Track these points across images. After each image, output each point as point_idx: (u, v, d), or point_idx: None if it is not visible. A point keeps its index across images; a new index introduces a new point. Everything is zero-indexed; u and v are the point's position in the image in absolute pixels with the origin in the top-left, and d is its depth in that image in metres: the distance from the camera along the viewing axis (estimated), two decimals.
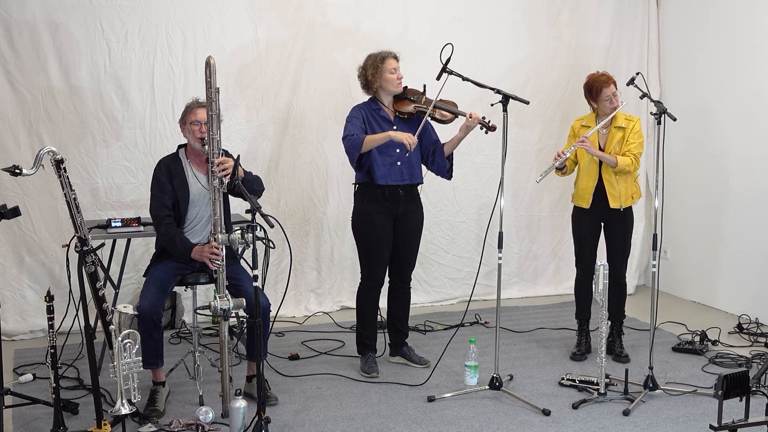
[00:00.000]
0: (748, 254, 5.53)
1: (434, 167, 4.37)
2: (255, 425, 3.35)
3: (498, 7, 5.90)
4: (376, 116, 4.21)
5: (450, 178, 4.44)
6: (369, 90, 4.24)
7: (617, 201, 4.44)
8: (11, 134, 4.91)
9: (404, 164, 4.22)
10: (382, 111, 4.22)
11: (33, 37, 4.87)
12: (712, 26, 5.78)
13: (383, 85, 4.18)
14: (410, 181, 4.27)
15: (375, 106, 4.24)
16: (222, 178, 3.64)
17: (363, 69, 4.23)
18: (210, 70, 3.55)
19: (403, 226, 4.32)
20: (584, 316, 4.71)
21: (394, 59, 4.20)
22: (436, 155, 4.32)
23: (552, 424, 3.67)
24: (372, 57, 4.21)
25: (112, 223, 4.40)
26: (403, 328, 4.53)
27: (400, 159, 4.20)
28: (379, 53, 4.20)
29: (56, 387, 3.47)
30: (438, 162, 4.33)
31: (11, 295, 5.00)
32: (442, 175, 4.40)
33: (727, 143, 5.69)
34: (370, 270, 4.32)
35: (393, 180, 4.19)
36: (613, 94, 4.38)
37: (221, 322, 3.69)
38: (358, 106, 4.26)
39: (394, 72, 4.17)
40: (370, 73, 4.18)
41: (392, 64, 4.17)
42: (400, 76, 4.20)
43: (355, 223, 4.33)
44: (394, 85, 4.18)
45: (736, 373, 2.90)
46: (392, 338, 4.55)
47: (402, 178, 4.22)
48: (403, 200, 4.26)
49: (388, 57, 4.18)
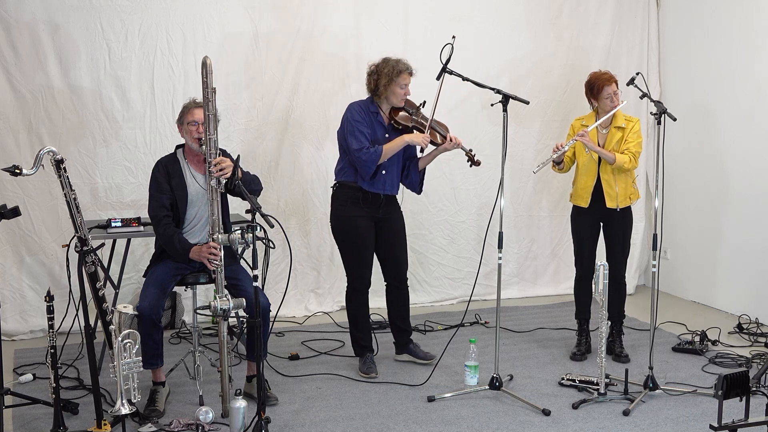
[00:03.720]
0: (748, 254, 5.52)
1: (407, 181, 4.41)
2: (255, 425, 3.35)
3: (498, 7, 5.89)
4: (372, 120, 4.20)
5: (420, 192, 4.52)
6: (374, 94, 4.23)
7: (614, 201, 4.44)
8: (11, 134, 4.91)
9: (388, 174, 4.23)
10: (379, 116, 4.21)
11: (33, 37, 4.87)
12: (712, 26, 5.78)
13: (390, 97, 4.17)
14: (391, 192, 4.30)
15: (373, 109, 4.22)
16: (219, 178, 3.64)
17: (376, 74, 4.17)
18: (206, 70, 3.54)
19: (387, 228, 4.33)
20: (584, 316, 4.71)
21: (409, 75, 4.16)
22: (410, 170, 4.37)
23: (552, 424, 3.67)
24: (388, 66, 4.13)
25: (112, 223, 4.40)
26: (406, 327, 4.54)
27: (385, 168, 4.21)
28: (397, 65, 4.13)
29: (56, 387, 3.46)
30: (412, 176, 4.39)
31: (11, 295, 5.00)
32: (413, 189, 4.47)
33: (727, 143, 5.69)
34: (356, 272, 4.32)
35: (376, 189, 4.21)
36: (614, 92, 4.39)
37: (221, 322, 3.69)
38: (357, 106, 4.22)
39: (404, 88, 4.15)
40: (382, 82, 4.13)
41: (405, 80, 4.15)
42: (408, 93, 4.19)
43: (336, 227, 4.31)
44: (399, 99, 4.18)
45: (736, 373, 2.90)
46: (396, 338, 4.56)
47: (384, 188, 4.24)
48: (384, 204, 4.28)
49: (404, 72, 4.13)
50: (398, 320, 4.51)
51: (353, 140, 4.09)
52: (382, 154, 4.07)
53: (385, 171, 4.21)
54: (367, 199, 4.20)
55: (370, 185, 4.18)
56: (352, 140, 4.09)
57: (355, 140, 4.09)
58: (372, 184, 4.18)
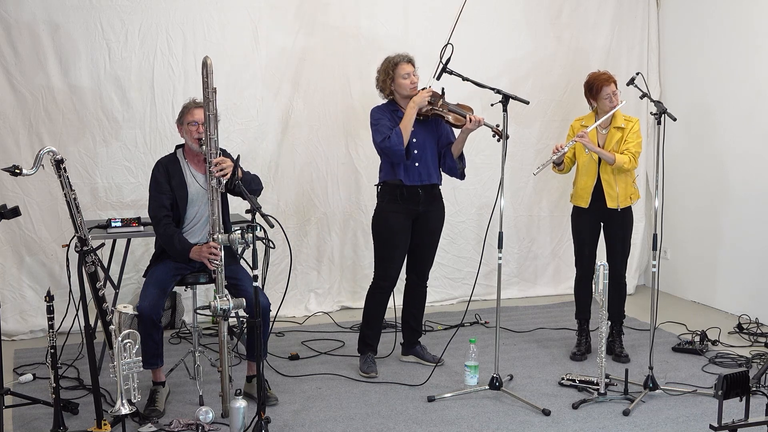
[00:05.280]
0: (748, 254, 5.52)
1: (445, 168, 4.38)
2: (255, 425, 3.35)
3: (498, 7, 5.89)
4: (394, 117, 4.20)
5: (462, 178, 4.43)
6: (383, 94, 4.24)
7: (615, 201, 4.44)
8: (11, 134, 4.91)
9: (422, 165, 4.21)
10: (399, 112, 4.21)
11: (33, 37, 4.87)
12: (712, 26, 5.78)
13: (396, 89, 4.18)
14: (428, 182, 4.25)
15: (393, 107, 4.23)
16: (220, 178, 3.64)
17: (381, 75, 4.21)
18: (207, 70, 3.54)
19: (423, 225, 4.31)
20: (584, 316, 4.71)
21: (408, 63, 4.16)
22: (446, 157, 4.33)
23: (552, 424, 3.67)
24: (386, 62, 4.19)
25: (112, 223, 4.40)
26: (417, 326, 4.55)
27: (418, 160, 4.20)
28: (393, 58, 4.17)
29: (56, 387, 3.46)
30: (448, 163, 4.34)
31: (11, 295, 5.00)
32: (454, 175, 4.39)
33: (727, 143, 5.69)
34: (382, 269, 4.31)
35: (411, 181, 4.19)
36: (613, 92, 4.39)
37: (221, 322, 3.69)
38: (379, 109, 4.24)
39: (407, 77, 4.14)
40: (382, 78, 4.18)
41: (405, 69, 4.14)
42: (414, 80, 4.17)
43: (374, 222, 4.33)
44: (408, 89, 4.16)
45: (736, 373, 2.90)
46: (406, 337, 4.55)
47: (420, 179, 4.21)
48: (423, 200, 4.24)
49: (401, 62, 4.15)
50: (412, 319, 4.51)
51: (377, 135, 4.14)
52: (401, 132, 4.06)
53: (418, 163, 4.19)
54: (404, 195, 4.19)
55: (407, 178, 4.17)
56: (376, 135, 4.14)
57: (378, 134, 4.13)
58: (407, 177, 4.17)
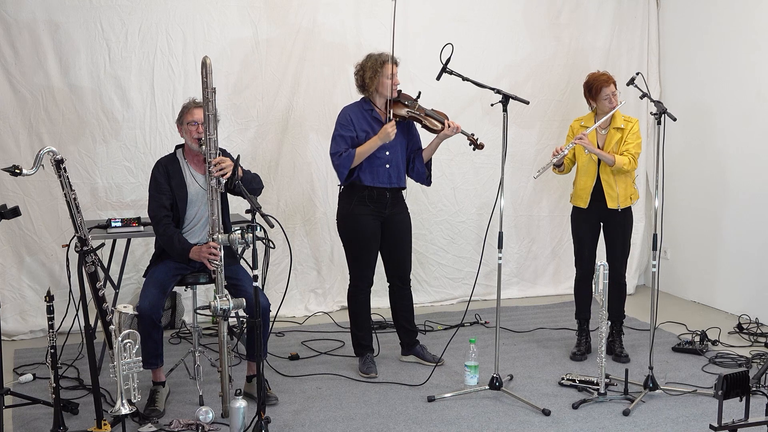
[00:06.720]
0: (747, 254, 5.52)
1: (413, 174, 4.38)
2: (255, 425, 3.35)
3: (498, 8, 5.89)
4: (367, 117, 4.19)
5: (429, 184, 4.47)
6: (364, 91, 4.23)
7: (615, 201, 4.44)
8: (11, 134, 4.91)
9: (392, 167, 4.21)
10: (374, 112, 4.20)
11: (33, 37, 4.87)
12: (712, 26, 5.78)
13: (379, 89, 4.16)
14: (397, 185, 4.27)
15: (368, 107, 4.22)
16: (219, 178, 3.64)
17: (361, 70, 4.19)
18: (206, 70, 3.53)
19: (393, 227, 4.31)
20: (584, 316, 4.71)
21: (393, 65, 4.15)
22: (415, 162, 4.34)
23: (552, 424, 3.67)
24: (372, 59, 4.15)
25: (112, 223, 4.40)
26: (411, 327, 4.54)
27: (389, 162, 4.20)
28: (379, 56, 4.14)
29: (56, 387, 3.46)
30: (417, 168, 4.35)
31: (11, 295, 5.00)
32: (422, 181, 4.41)
33: (727, 143, 5.69)
34: (359, 271, 4.32)
35: (380, 182, 4.19)
36: (613, 93, 4.39)
37: (221, 322, 3.69)
38: (348, 109, 4.23)
39: (390, 78, 4.13)
40: (368, 75, 4.14)
41: (390, 70, 4.13)
42: (397, 82, 4.17)
43: (341, 225, 4.31)
44: (389, 90, 4.14)
45: (736, 373, 2.90)
46: (402, 338, 4.55)
47: (390, 181, 4.22)
48: (390, 203, 4.26)
49: (387, 62, 4.12)
50: (404, 321, 4.51)
51: (332, 144, 4.16)
52: (354, 157, 4.07)
53: (389, 165, 4.20)
54: (372, 197, 4.20)
55: (374, 179, 4.17)
56: (332, 144, 4.16)
57: (334, 144, 4.15)
58: (376, 178, 4.17)
